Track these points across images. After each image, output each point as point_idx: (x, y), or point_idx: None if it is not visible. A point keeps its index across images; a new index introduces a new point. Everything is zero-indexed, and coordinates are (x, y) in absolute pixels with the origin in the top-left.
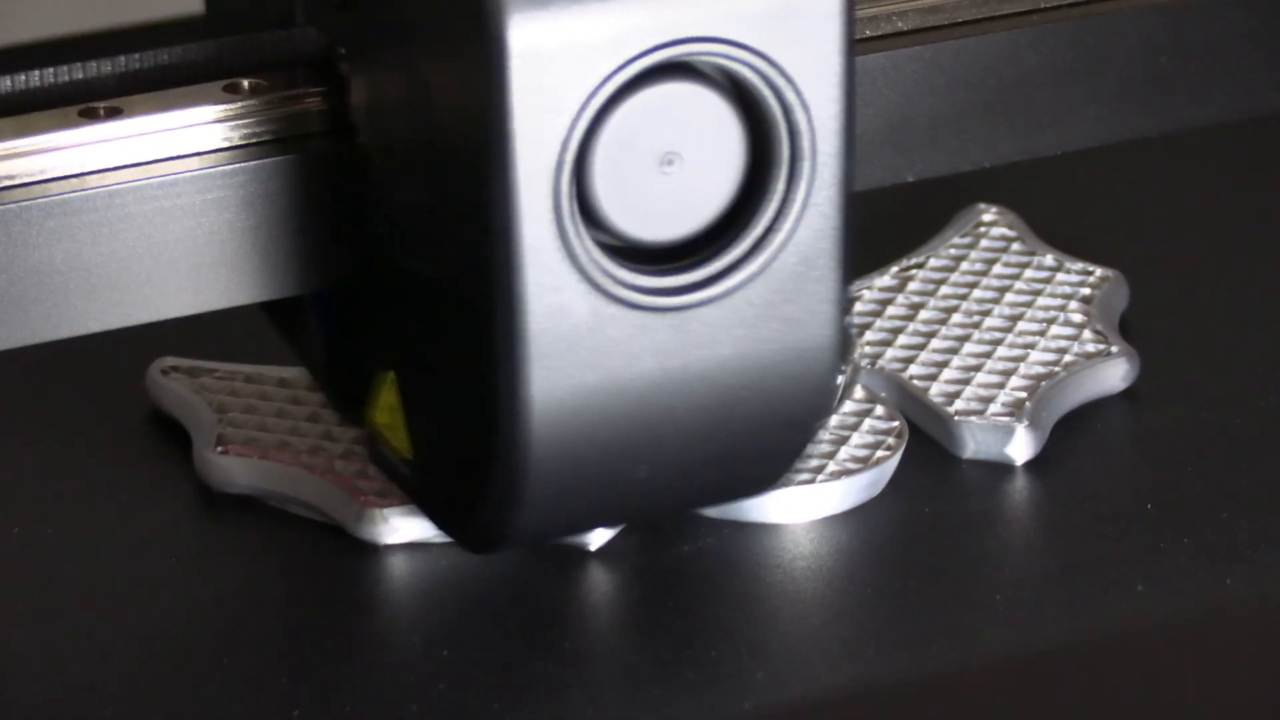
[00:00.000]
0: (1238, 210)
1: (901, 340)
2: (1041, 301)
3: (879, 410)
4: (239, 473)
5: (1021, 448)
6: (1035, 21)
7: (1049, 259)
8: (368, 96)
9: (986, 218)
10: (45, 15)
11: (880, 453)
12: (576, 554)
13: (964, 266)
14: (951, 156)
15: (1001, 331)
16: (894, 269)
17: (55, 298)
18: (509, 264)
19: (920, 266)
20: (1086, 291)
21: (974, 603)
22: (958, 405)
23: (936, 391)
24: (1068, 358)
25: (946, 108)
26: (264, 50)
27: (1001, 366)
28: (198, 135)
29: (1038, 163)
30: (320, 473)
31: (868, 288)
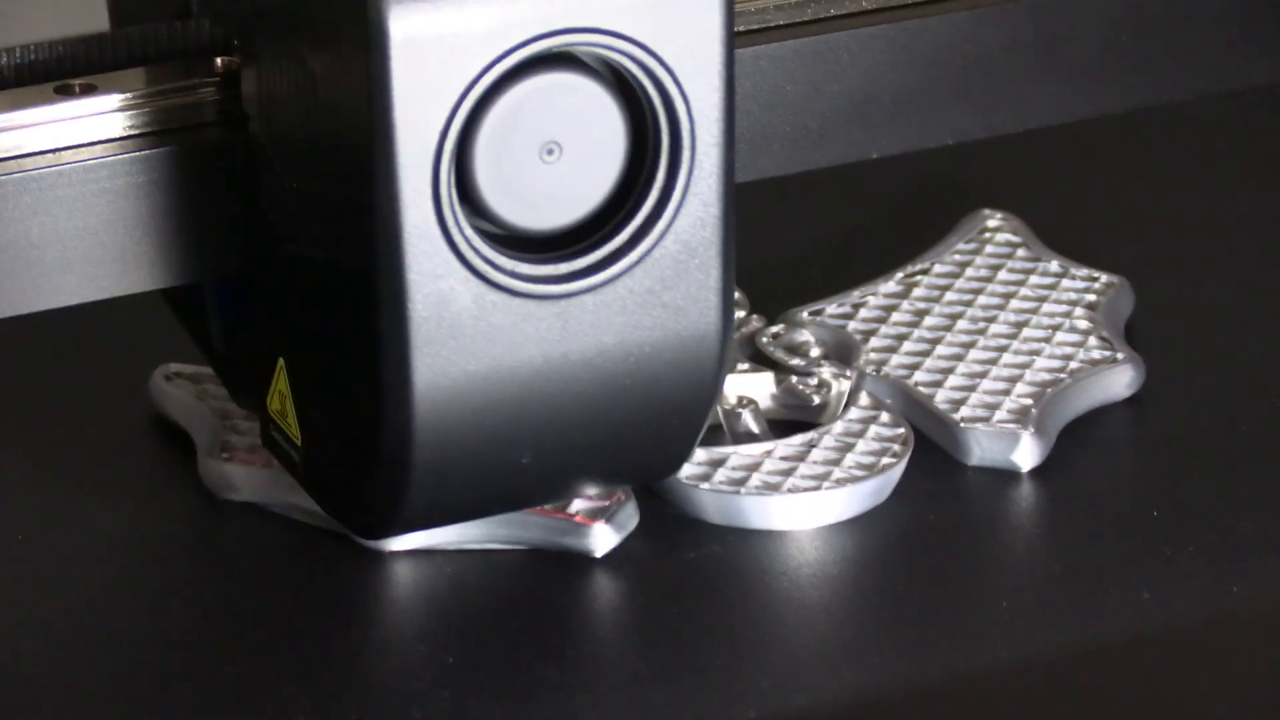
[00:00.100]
0: (1243, 217)
1: (906, 347)
2: (1047, 308)
3: (884, 417)
4: (242, 479)
5: (1027, 454)
6: (998, 0)
7: (1054, 265)
8: (258, 87)
9: (991, 224)
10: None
11: (886, 460)
12: (581, 560)
13: (969, 273)
14: (915, 134)
15: (1007, 338)
16: (899, 275)
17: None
18: (392, 252)
19: (925, 273)
20: (1092, 298)
21: (979, 609)
22: (963, 412)
23: (942, 398)
24: (1073, 364)
25: (910, 86)
26: (160, 41)
27: (1007, 373)
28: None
29: (1042, 167)
30: None
31: (872, 294)
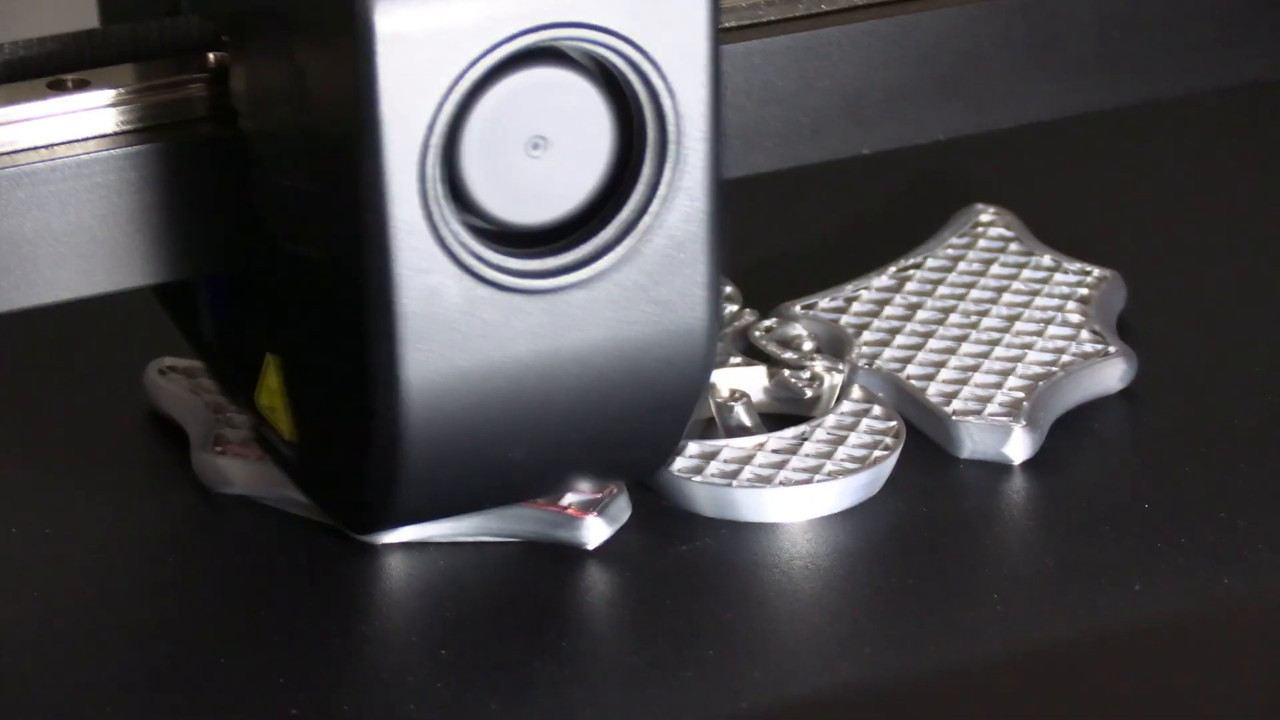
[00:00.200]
0: (1235, 211)
1: (899, 340)
2: (1039, 301)
3: (876, 410)
4: (236, 473)
5: (1019, 448)
6: None
7: (1046, 259)
8: (247, 83)
9: (984, 218)
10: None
11: (878, 452)
12: (573, 553)
13: (961, 266)
14: (907, 129)
15: (999, 331)
16: (891, 269)
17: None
18: (380, 247)
19: (918, 267)
20: (1084, 291)
21: (971, 602)
22: (955, 405)
23: (934, 391)
24: (1065, 358)
25: (902, 81)
26: (150, 37)
27: (999, 366)
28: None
29: (1035, 162)
30: None
31: (865, 288)
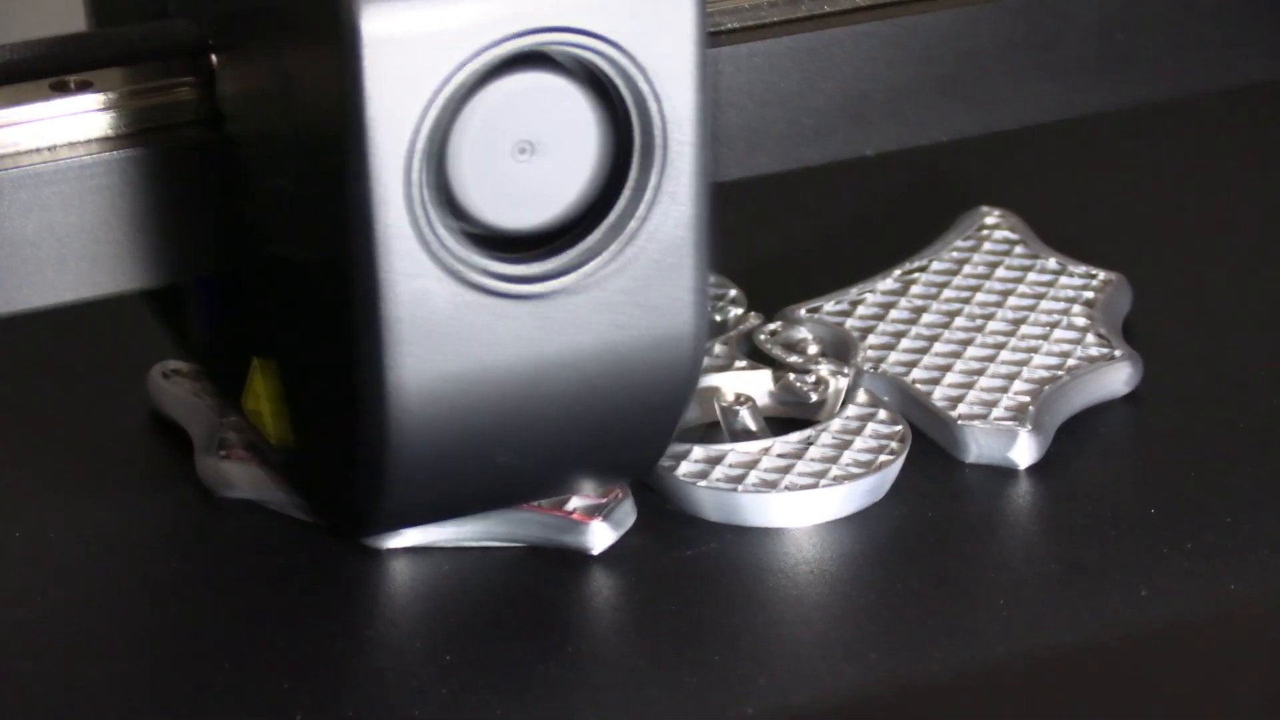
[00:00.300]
0: (1240, 213)
1: (904, 344)
2: (1044, 305)
3: (882, 415)
4: (239, 476)
5: (1025, 452)
6: None
7: (1052, 262)
8: (235, 86)
9: (989, 221)
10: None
11: (883, 457)
12: (578, 558)
13: (966, 270)
14: (910, 131)
15: (1004, 335)
16: (896, 272)
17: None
18: (367, 251)
19: (923, 270)
20: (1090, 295)
21: (977, 606)
22: (961, 409)
23: (939, 396)
24: (1071, 361)
25: (904, 83)
26: (136, 41)
27: (1004, 370)
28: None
29: (1039, 164)
30: None
31: (870, 291)
